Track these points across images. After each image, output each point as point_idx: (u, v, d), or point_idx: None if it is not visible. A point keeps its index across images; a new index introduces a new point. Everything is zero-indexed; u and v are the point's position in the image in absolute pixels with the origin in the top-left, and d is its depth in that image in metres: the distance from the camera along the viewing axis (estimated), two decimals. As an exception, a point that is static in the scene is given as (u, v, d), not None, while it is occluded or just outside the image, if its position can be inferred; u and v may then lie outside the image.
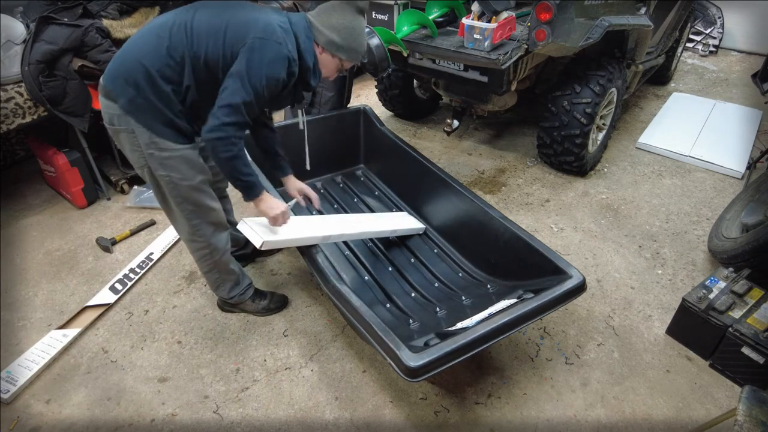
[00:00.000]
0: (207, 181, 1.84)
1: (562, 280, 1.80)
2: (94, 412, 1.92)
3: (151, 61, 1.57)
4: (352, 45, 1.72)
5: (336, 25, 1.68)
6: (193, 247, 1.99)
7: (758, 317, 1.96)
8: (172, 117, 1.64)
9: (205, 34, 1.57)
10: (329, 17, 1.68)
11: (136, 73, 1.58)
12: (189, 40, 1.57)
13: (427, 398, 1.94)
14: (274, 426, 1.86)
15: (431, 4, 2.74)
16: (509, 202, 3.04)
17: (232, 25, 1.58)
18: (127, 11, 2.95)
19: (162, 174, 1.73)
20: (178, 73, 1.59)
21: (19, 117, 2.63)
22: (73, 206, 3.04)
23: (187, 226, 1.89)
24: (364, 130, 3.02)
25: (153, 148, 1.67)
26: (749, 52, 5.17)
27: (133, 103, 1.60)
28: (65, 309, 2.36)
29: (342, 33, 1.69)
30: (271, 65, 1.56)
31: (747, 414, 1.38)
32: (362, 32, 1.74)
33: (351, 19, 1.68)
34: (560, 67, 3.14)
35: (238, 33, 1.56)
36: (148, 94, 1.59)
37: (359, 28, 1.71)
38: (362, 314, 1.65)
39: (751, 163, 3.28)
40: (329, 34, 1.69)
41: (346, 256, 2.43)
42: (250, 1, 1.85)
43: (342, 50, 1.72)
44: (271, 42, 1.56)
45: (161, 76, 1.58)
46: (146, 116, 1.62)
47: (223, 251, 2.01)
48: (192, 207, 1.84)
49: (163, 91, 1.59)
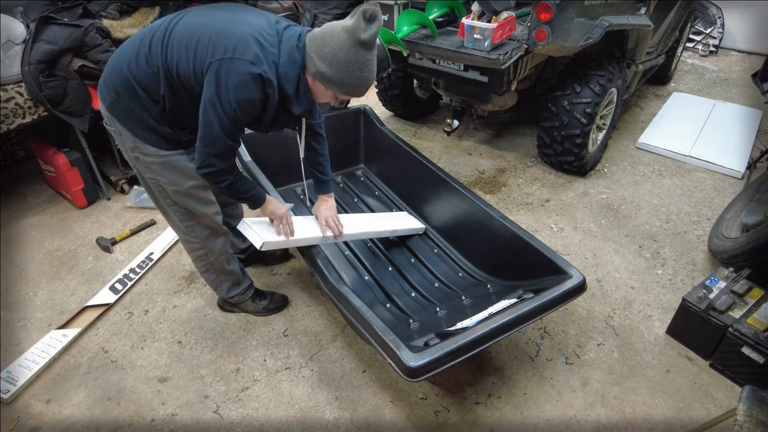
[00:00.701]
0: (199, 186, 1.78)
1: (562, 280, 1.80)
2: (94, 412, 1.92)
3: (130, 68, 1.54)
4: (346, 80, 1.48)
5: (328, 56, 1.44)
6: (188, 247, 2.00)
7: (758, 317, 1.96)
8: (153, 123, 1.61)
9: (177, 46, 1.50)
10: (323, 46, 1.45)
11: (117, 79, 1.57)
12: (164, 51, 1.51)
13: (427, 398, 1.94)
14: (274, 426, 1.86)
15: (431, 4, 2.74)
16: (509, 202, 3.04)
17: (204, 37, 1.46)
18: (127, 11, 2.95)
19: (150, 177, 1.72)
20: (155, 82, 1.55)
21: (19, 117, 2.63)
22: (73, 206, 3.04)
23: (181, 226, 1.89)
24: (364, 130, 3.02)
25: (138, 152, 1.66)
26: (749, 52, 5.17)
27: (115, 107, 1.60)
28: (65, 309, 2.36)
29: (334, 66, 1.45)
30: (239, 89, 1.43)
31: (747, 414, 1.38)
32: (362, 67, 1.47)
33: (348, 52, 1.43)
34: (560, 67, 3.14)
35: (206, 48, 1.45)
36: (127, 100, 1.57)
37: (357, 62, 1.45)
38: (362, 314, 1.65)
39: (751, 163, 3.28)
40: (319, 65, 1.47)
41: (346, 256, 2.43)
42: (250, 3, 1.81)
43: (333, 84, 1.50)
44: (239, 62, 1.41)
45: (139, 83, 1.55)
46: (127, 120, 1.61)
47: (219, 253, 2.00)
48: (183, 210, 1.83)
49: (141, 97, 1.57)
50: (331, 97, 1.58)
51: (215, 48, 1.44)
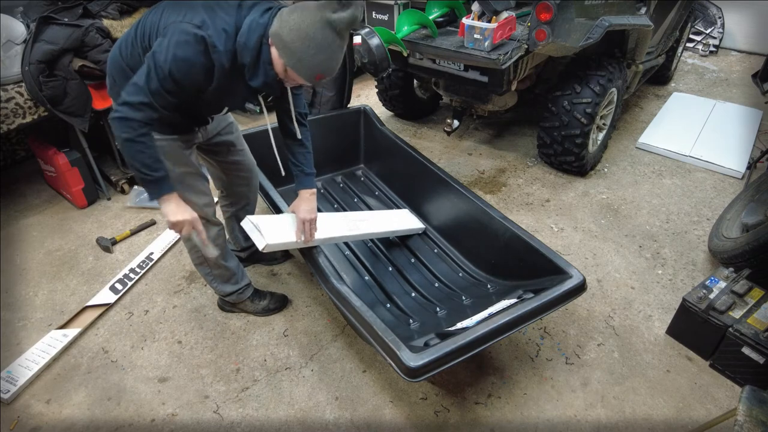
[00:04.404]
0: (190, 174, 1.78)
1: (562, 280, 1.80)
2: (94, 412, 1.92)
3: (122, 52, 1.61)
4: (298, 53, 1.42)
5: (291, 22, 1.40)
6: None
7: (758, 317, 1.96)
8: None
9: (150, 25, 1.53)
10: (291, 12, 1.42)
11: (114, 64, 1.64)
12: (141, 32, 1.56)
13: (427, 398, 1.94)
14: (274, 426, 1.86)
15: (431, 4, 2.74)
16: (509, 202, 3.04)
17: (169, 10, 1.50)
18: (127, 11, 2.95)
19: None
20: (140, 64, 1.54)
21: (19, 117, 2.64)
22: (73, 206, 3.04)
23: None
24: (364, 130, 3.03)
25: None
26: (749, 52, 5.17)
27: (113, 91, 1.66)
28: (65, 309, 2.36)
29: (293, 33, 1.40)
30: (178, 46, 1.41)
31: (747, 414, 1.38)
32: (321, 47, 1.41)
33: (310, 26, 1.38)
34: (560, 67, 3.14)
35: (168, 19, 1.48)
36: (122, 83, 1.58)
37: (317, 40, 1.39)
38: (362, 314, 1.65)
39: (751, 163, 3.28)
40: (279, 29, 1.42)
41: (346, 256, 2.43)
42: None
43: (286, 52, 1.43)
44: (185, 24, 1.42)
45: (129, 67, 1.60)
46: None
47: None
48: None
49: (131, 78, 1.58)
50: (281, 70, 1.50)
51: (170, 16, 1.49)
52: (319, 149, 2.70)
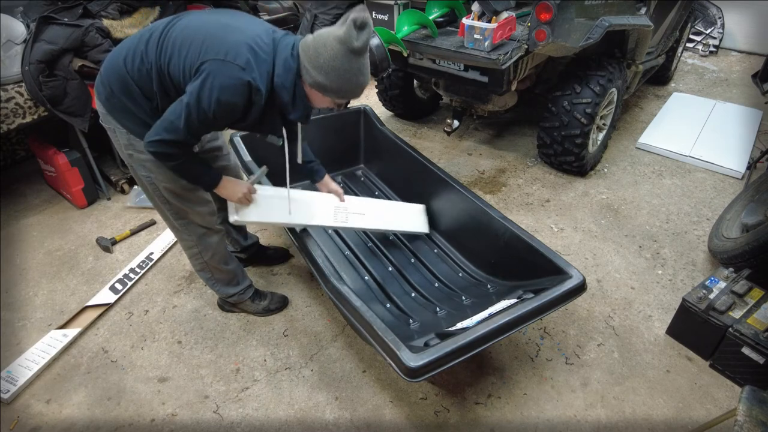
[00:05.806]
0: (193, 186, 1.79)
1: (562, 280, 1.80)
2: (94, 412, 1.92)
3: (126, 64, 1.56)
4: (343, 87, 1.51)
5: (324, 66, 1.46)
6: (183, 245, 2.01)
7: (758, 317, 1.96)
8: (146, 119, 1.61)
9: (171, 45, 1.51)
10: (317, 56, 1.46)
11: (113, 74, 1.58)
12: (158, 50, 1.52)
13: (427, 398, 1.94)
14: (274, 426, 1.86)
15: (431, 4, 2.74)
16: (509, 202, 3.04)
17: (198, 39, 1.48)
18: (127, 11, 2.95)
19: (144, 174, 1.73)
20: (148, 80, 1.56)
21: (19, 117, 2.64)
22: (73, 206, 3.04)
23: (175, 224, 1.90)
24: (364, 130, 3.02)
25: (132, 149, 1.67)
26: (749, 52, 5.17)
27: (109, 102, 1.62)
28: (65, 309, 2.36)
29: (330, 75, 1.47)
30: (224, 91, 1.44)
31: (747, 414, 1.38)
32: (357, 73, 1.49)
33: (342, 61, 1.44)
34: (560, 67, 3.14)
35: (199, 49, 1.46)
36: (121, 95, 1.58)
37: (352, 69, 1.47)
38: (362, 314, 1.65)
39: (751, 163, 3.28)
40: (315, 75, 1.48)
41: (346, 255, 2.43)
42: (250, 3, 1.78)
43: (331, 92, 1.52)
44: (230, 66, 1.43)
45: (133, 79, 1.56)
46: (121, 116, 1.62)
47: (213, 252, 2.00)
48: (177, 208, 1.83)
49: (134, 92, 1.58)
50: (330, 102, 1.60)
51: (208, 50, 1.45)
52: (319, 149, 2.69)
